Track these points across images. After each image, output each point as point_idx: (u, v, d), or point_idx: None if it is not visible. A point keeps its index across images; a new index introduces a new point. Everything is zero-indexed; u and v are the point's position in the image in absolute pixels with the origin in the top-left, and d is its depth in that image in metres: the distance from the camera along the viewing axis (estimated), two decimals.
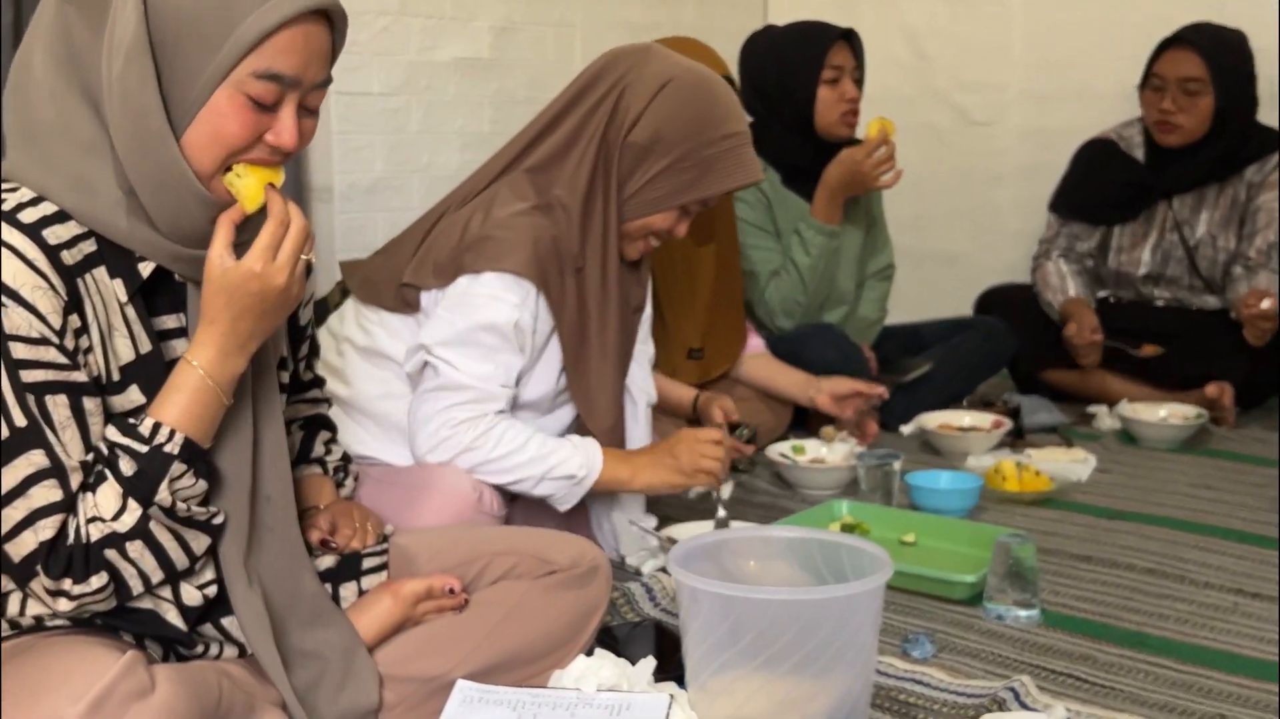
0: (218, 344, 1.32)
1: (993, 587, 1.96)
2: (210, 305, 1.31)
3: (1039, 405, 3.15)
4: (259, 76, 1.28)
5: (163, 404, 1.30)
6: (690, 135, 2.01)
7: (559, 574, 1.65)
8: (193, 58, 1.27)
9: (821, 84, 3.02)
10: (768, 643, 1.48)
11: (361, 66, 3.18)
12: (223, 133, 1.30)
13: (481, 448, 1.93)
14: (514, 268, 1.94)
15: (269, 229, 1.32)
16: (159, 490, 1.26)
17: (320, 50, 1.32)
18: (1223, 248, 3.32)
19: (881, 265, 3.32)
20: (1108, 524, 2.41)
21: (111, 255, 1.31)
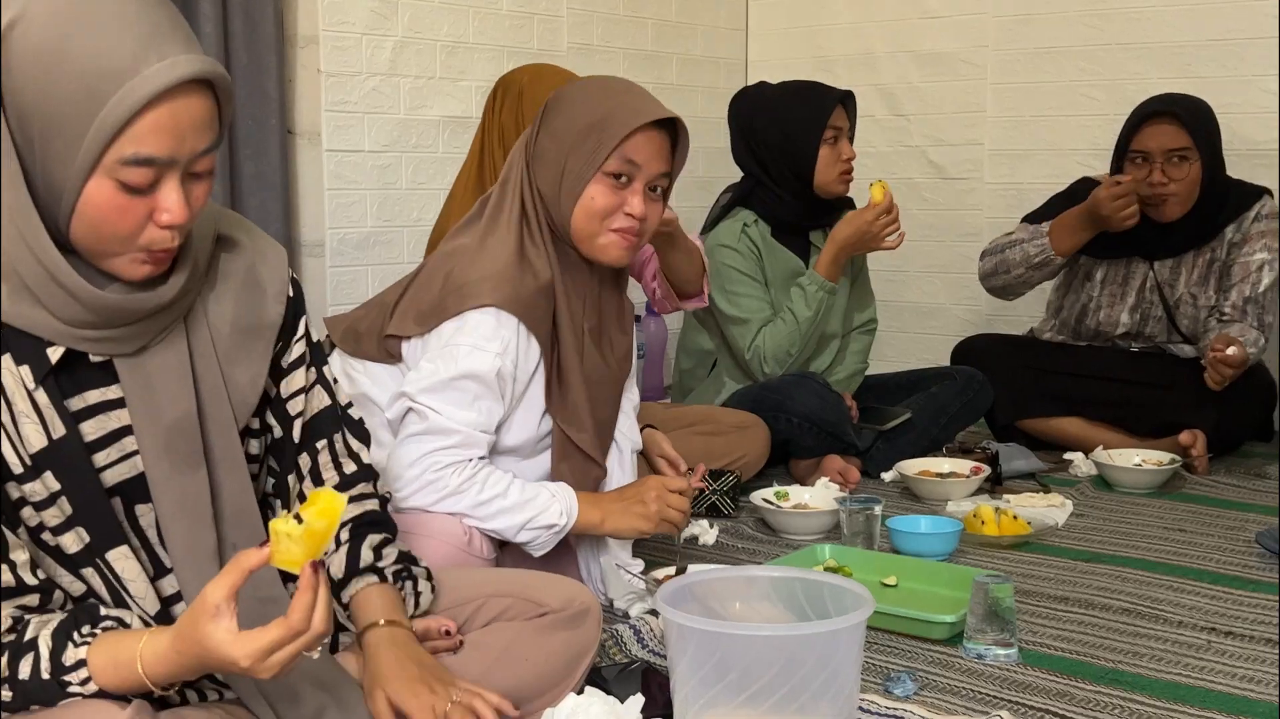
0: (169, 665, 1.24)
1: (972, 626, 2.01)
2: (183, 637, 1.22)
3: (1016, 453, 3.22)
4: (127, 163, 1.21)
5: (102, 654, 1.23)
6: (578, 114, 2.05)
7: (550, 616, 1.68)
8: (58, 151, 1.20)
9: (823, 144, 3.11)
10: (753, 679, 1.53)
11: (353, 125, 3.26)
12: (104, 224, 1.24)
13: (467, 493, 1.98)
14: (496, 302, 1.99)
15: (276, 635, 1.21)
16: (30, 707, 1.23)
17: (196, 121, 1.24)
18: (1203, 305, 3.38)
19: (866, 319, 3.41)
20: (1084, 566, 2.47)
21: (16, 341, 1.26)
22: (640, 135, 2.03)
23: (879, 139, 4.26)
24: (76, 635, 1.23)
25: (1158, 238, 3.36)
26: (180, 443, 1.34)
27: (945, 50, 4.16)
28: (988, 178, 4.14)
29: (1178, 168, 3.24)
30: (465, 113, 3.49)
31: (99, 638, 1.24)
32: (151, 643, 1.24)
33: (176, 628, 1.24)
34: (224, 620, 1.20)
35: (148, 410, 1.32)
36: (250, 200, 3.05)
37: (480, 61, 3.54)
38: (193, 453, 1.35)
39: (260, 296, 1.45)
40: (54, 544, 1.31)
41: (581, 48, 3.83)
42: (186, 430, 1.35)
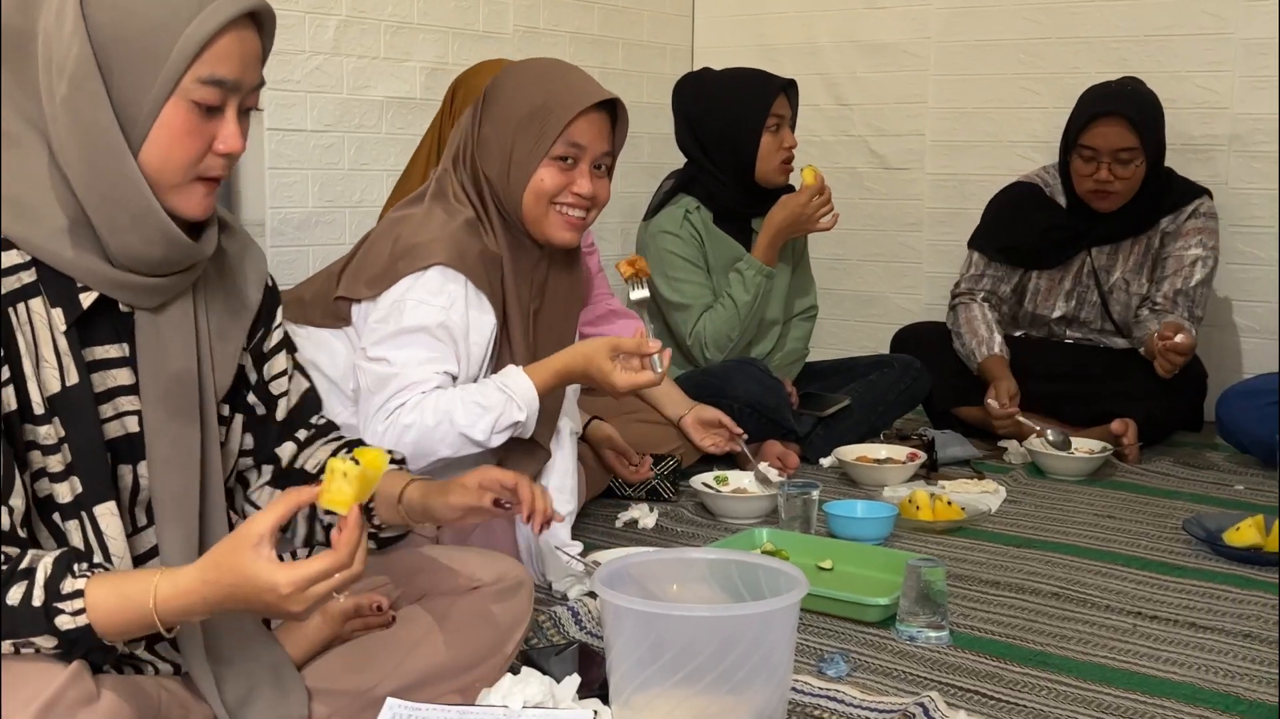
0: (191, 599, 1.24)
1: (905, 609, 2.04)
2: (218, 566, 1.24)
3: (952, 440, 3.26)
4: (204, 83, 1.30)
5: (103, 588, 1.23)
6: (520, 100, 2.10)
7: (483, 589, 1.70)
8: (141, 72, 1.28)
9: (765, 131, 3.13)
10: (688, 659, 1.55)
11: (295, 104, 3.23)
12: (174, 146, 1.31)
13: (417, 423, 1.99)
14: (444, 260, 2.02)
15: (321, 565, 1.24)
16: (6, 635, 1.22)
17: (255, 53, 1.35)
18: (1135, 293, 3.45)
19: (807, 306, 3.44)
20: (1015, 552, 2.51)
21: (51, 284, 1.31)
22: (582, 118, 2.07)
23: (822, 128, 4.28)
24: (76, 568, 1.23)
25: (1098, 227, 3.44)
26: (179, 397, 1.40)
27: (888, 41, 4.19)
28: (929, 168, 4.18)
29: (1124, 166, 3.31)
30: (409, 94, 3.48)
31: (98, 574, 1.24)
32: (169, 577, 1.24)
33: (207, 560, 1.25)
34: (265, 550, 1.23)
35: (154, 361, 1.38)
36: None
37: (425, 43, 3.52)
38: (190, 408, 1.40)
39: (243, 281, 1.52)
40: (48, 492, 1.32)
41: (527, 31, 3.82)
42: (186, 385, 1.41)
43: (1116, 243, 3.47)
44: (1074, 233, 3.47)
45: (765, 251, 3.14)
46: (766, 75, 3.20)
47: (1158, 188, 3.40)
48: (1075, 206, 3.46)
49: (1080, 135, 3.34)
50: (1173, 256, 3.39)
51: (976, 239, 3.63)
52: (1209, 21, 3.67)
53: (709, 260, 3.20)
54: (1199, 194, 3.43)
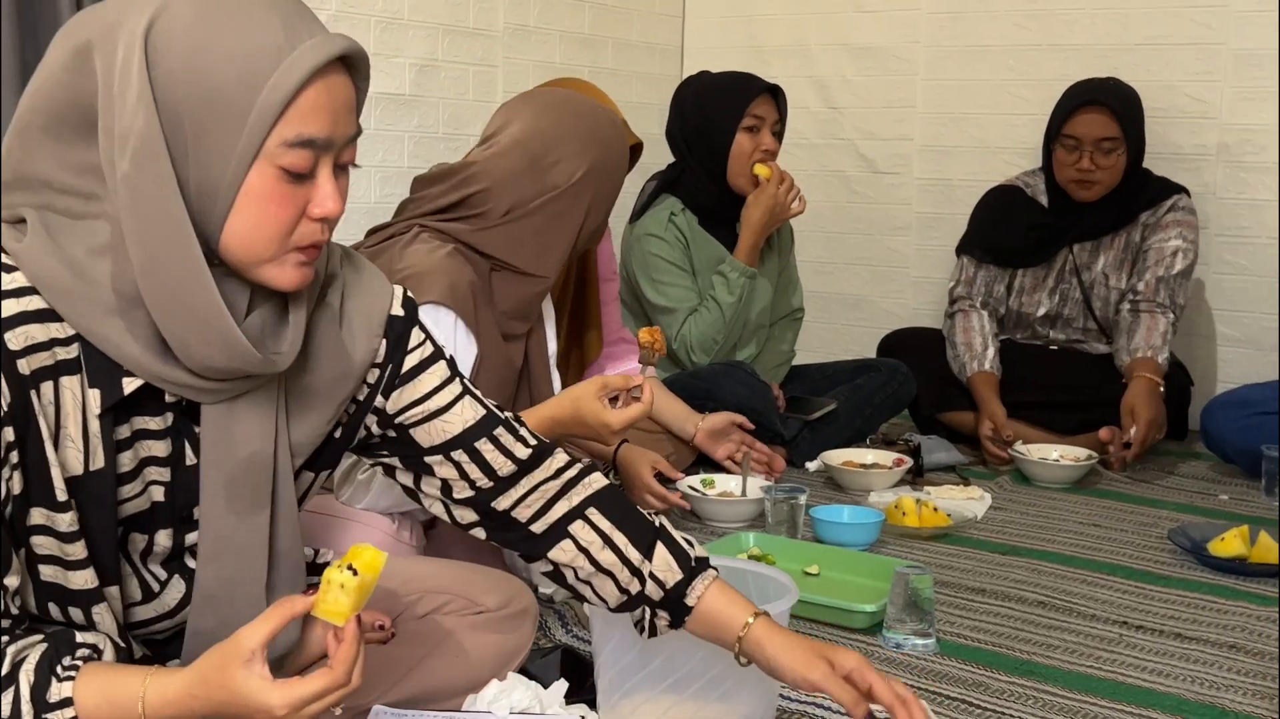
0: (179, 710, 1.17)
1: (891, 616, 2.03)
2: (206, 681, 1.16)
3: (938, 445, 3.26)
4: (291, 145, 1.15)
5: (91, 690, 1.15)
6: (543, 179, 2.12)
7: (487, 615, 1.66)
8: (218, 142, 1.13)
9: (740, 130, 3.13)
10: (676, 666, 1.54)
11: None
12: (265, 217, 1.16)
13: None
14: (434, 297, 1.97)
15: (321, 684, 1.16)
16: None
17: (347, 101, 1.19)
18: (1114, 288, 3.48)
19: (793, 308, 3.44)
20: (1001, 559, 2.51)
21: (94, 363, 1.18)
22: None
23: (811, 130, 4.28)
24: (60, 669, 1.15)
25: (1077, 221, 3.47)
26: (246, 483, 1.27)
27: (878, 44, 4.19)
28: (916, 173, 4.18)
29: (1106, 156, 3.36)
30: (398, 90, 3.46)
31: (84, 671, 1.16)
32: (158, 684, 1.17)
33: (196, 671, 1.17)
34: (258, 666, 1.15)
35: (221, 450, 1.25)
36: None
37: (415, 39, 3.50)
38: (259, 494, 1.28)
39: (347, 338, 1.35)
40: (59, 578, 1.22)
41: (518, 29, 3.81)
42: (256, 471, 1.27)
43: (1097, 239, 3.50)
44: (1056, 230, 3.51)
45: (748, 253, 3.13)
46: (750, 78, 3.20)
47: (1137, 183, 3.44)
48: (1056, 204, 3.50)
49: (1064, 125, 3.39)
50: (1153, 249, 3.43)
51: (964, 244, 3.64)
52: (1200, 31, 3.68)
53: (694, 263, 3.19)
54: (1177, 190, 3.48)
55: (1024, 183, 3.59)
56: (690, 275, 3.18)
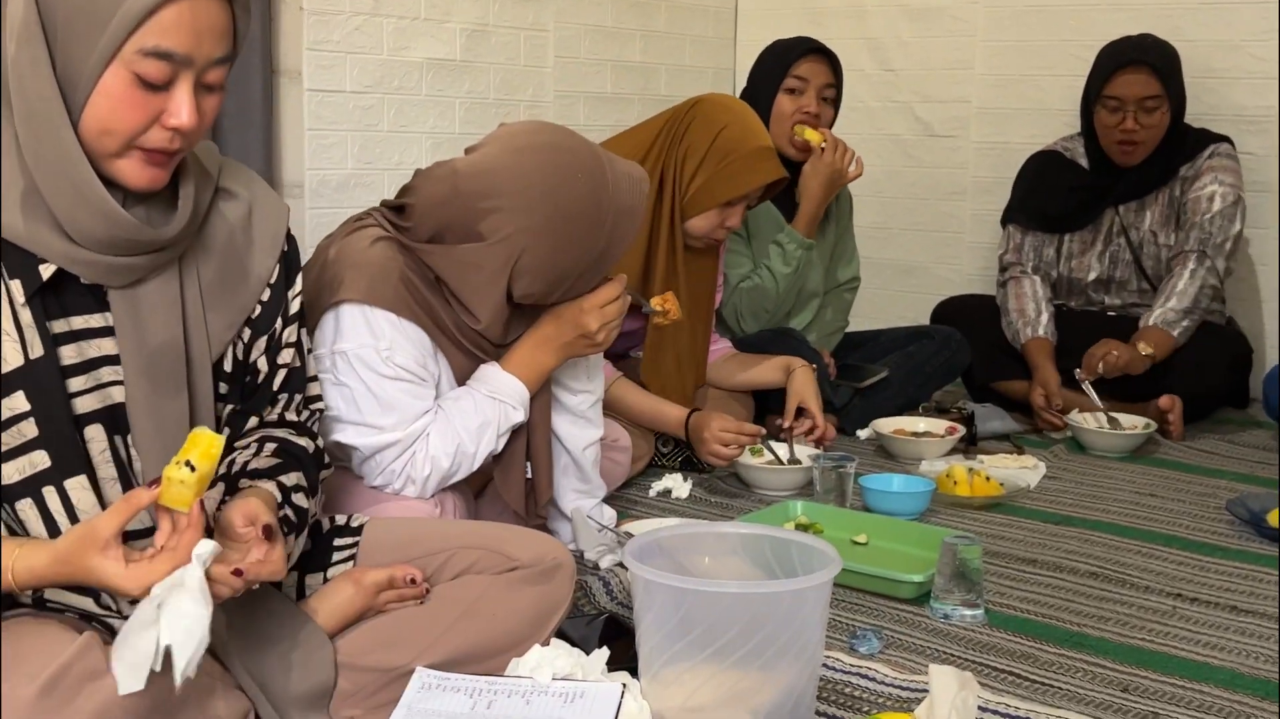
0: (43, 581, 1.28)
1: (939, 586, 2.02)
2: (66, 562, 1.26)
3: (992, 413, 3.22)
4: (147, 54, 1.25)
5: None
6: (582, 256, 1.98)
7: (521, 570, 1.67)
8: (82, 37, 1.24)
9: (781, 91, 3.09)
10: (718, 634, 1.53)
11: (334, 65, 3.22)
12: (115, 115, 1.27)
13: (433, 469, 1.93)
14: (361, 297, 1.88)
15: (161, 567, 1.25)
16: None
17: (213, 26, 1.29)
18: (1164, 244, 3.42)
19: (849, 277, 3.40)
20: (1054, 529, 2.48)
21: (9, 257, 1.29)
22: None
23: (867, 94, 4.22)
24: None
25: (1121, 182, 3.42)
26: (163, 369, 1.38)
27: (935, 5, 4.12)
28: (974, 136, 4.12)
29: (1150, 115, 3.31)
30: (449, 55, 3.45)
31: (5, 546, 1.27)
32: (26, 558, 1.27)
33: (57, 551, 1.27)
34: (112, 552, 1.24)
35: (134, 336, 1.36)
36: (231, 139, 3.00)
37: (466, 4, 3.49)
38: (175, 379, 1.39)
39: (249, 249, 1.49)
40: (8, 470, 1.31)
41: None
42: (170, 358, 1.38)
43: (1141, 198, 3.44)
44: (1099, 191, 3.46)
45: (806, 223, 3.09)
46: (799, 38, 3.16)
47: (1178, 138, 3.38)
48: (1098, 166, 3.45)
49: (1105, 86, 3.33)
50: (1190, 200, 3.37)
51: (1009, 213, 3.61)
52: None
53: (749, 228, 3.16)
54: (1216, 139, 3.42)
55: (1063, 147, 3.54)
56: (745, 241, 3.15)
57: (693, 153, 2.68)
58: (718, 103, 2.78)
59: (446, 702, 1.53)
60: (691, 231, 2.72)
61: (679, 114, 2.76)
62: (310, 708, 1.48)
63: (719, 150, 2.66)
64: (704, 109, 2.74)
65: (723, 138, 2.66)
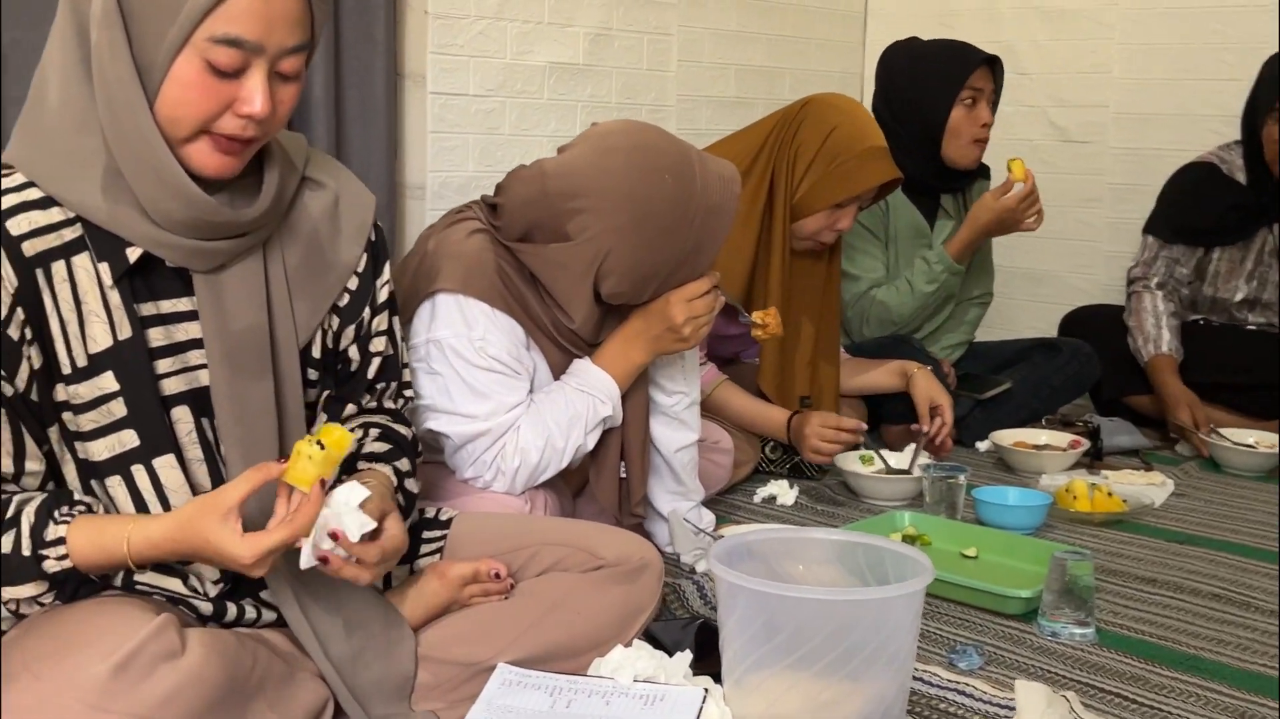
0: (162, 553, 1.30)
1: (1048, 603, 1.94)
2: (184, 528, 1.28)
3: (1120, 428, 3.11)
4: (217, 41, 1.27)
5: (82, 534, 1.28)
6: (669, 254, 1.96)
7: (606, 569, 1.66)
8: (156, 23, 1.27)
9: (958, 104, 3.03)
10: (801, 642, 1.50)
11: (458, 68, 3.25)
12: (186, 101, 1.29)
13: (523, 463, 1.93)
14: (447, 285, 1.90)
15: (279, 538, 1.28)
16: (5, 590, 1.28)
17: (286, 14, 1.30)
18: None
19: (981, 291, 3.31)
20: (1177, 548, 2.37)
21: (98, 240, 1.32)
22: None
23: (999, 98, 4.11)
24: (57, 514, 1.29)
25: (1277, 199, 3.23)
26: (247, 354, 1.40)
27: (1071, 7, 3.99)
28: (1112, 141, 3.98)
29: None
30: (572, 59, 3.46)
31: (78, 519, 1.29)
32: (142, 530, 1.29)
33: (177, 520, 1.29)
34: (233, 521, 1.27)
35: (218, 320, 1.38)
36: (354, 141, 3.06)
37: (589, 8, 3.50)
38: (259, 364, 1.41)
39: (335, 238, 1.50)
40: (91, 447, 1.35)
41: None
42: (255, 342, 1.41)
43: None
44: (1255, 209, 3.27)
45: (960, 249, 3.01)
46: (969, 47, 3.07)
47: None
48: (1257, 182, 3.25)
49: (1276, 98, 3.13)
50: None
51: (1151, 223, 3.45)
52: None
53: (889, 229, 3.09)
54: None
55: (1219, 159, 3.36)
56: (882, 245, 3.09)
57: (803, 153, 2.65)
58: (829, 102, 2.73)
59: (526, 698, 1.53)
60: (800, 232, 2.69)
61: (789, 114, 2.72)
62: (390, 699, 1.48)
63: (830, 151, 2.63)
64: (814, 109, 2.70)
65: (834, 138, 2.63)
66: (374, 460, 1.53)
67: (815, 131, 2.65)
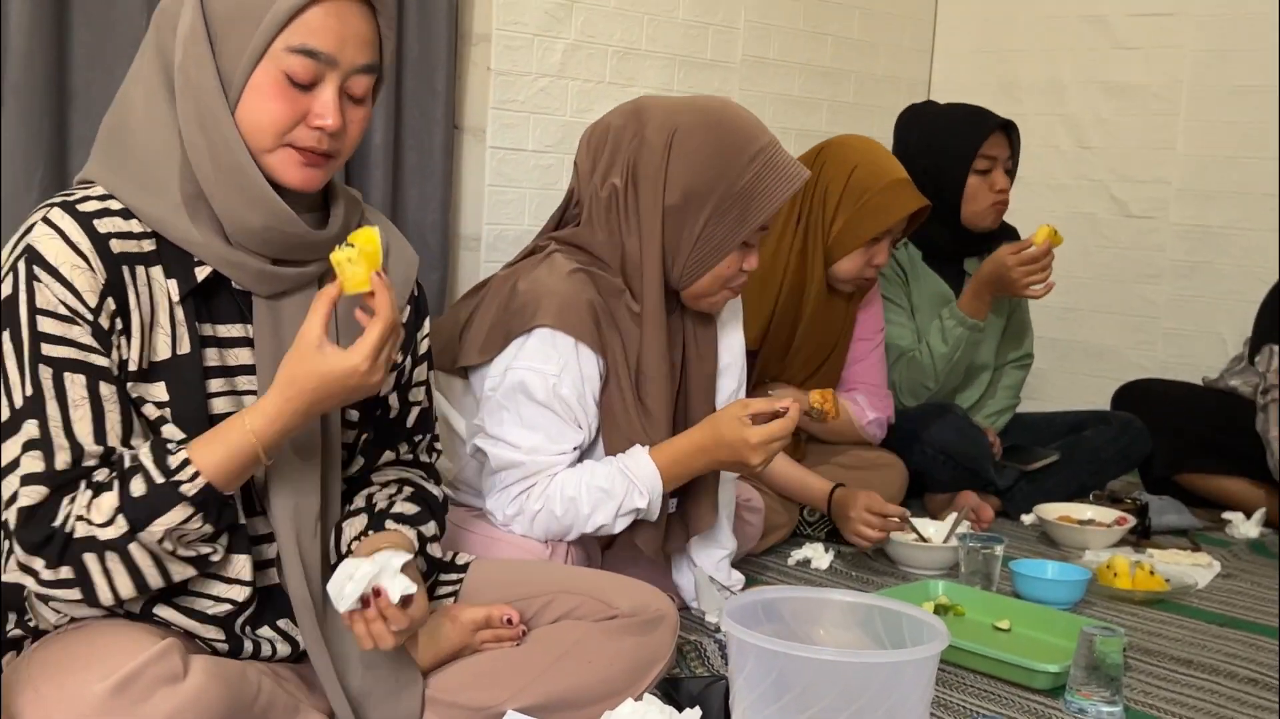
0: (284, 419, 1.34)
1: (1075, 679, 1.90)
2: (294, 382, 1.33)
3: (1170, 506, 3.05)
4: (294, 51, 1.35)
5: (203, 447, 1.33)
6: (720, 174, 1.97)
7: (621, 619, 1.66)
8: (238, 37, 1.35)
9: (972, 173, 3.01)
10: (810, 702, 1.48)
11: (518, 124, 3.31)
12: (264, 109, 1.36)
13: (544, 510, 1.95)
14: (545, 322, 1.93)
15: (379, 330, 1.34)
16: (151, 524, 1.29)
17: (359, 33, 1.38)
18: None
19: (1020, 354, 3.28)
20: (1218, 631, 2.31)
21: (170, 256, 1.38)
22: None
23: (1061, 170, 4.10)
24: (170, 447, 1.34)
25: None
26: None
27: (1136, 83, 3.97)
28: (1173, 217, 3.94)
29: None
30: None
31: (189, 443, 1.34)
32: (254, 412, 1.34)
33: (278, 384, 1.35)
34: (328, 347, 1.34)
35: (270, 346, 1.43)
36: (411, 191, 3.12)
37: (651, 69, 3.55)
38: None
39: None
40: None
41: (756, 60, 3.81)
42: None
43: None
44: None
45: (970, 302, 2.98)
46: (983, 113, 3.05)
47: None
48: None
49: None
50: None
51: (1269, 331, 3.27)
52: None
53: (914, 299, 3.09)
54: None
55: None
56: (908, 314, 3.08)
57: (830, 196, 2.70)
58: (844, 143, 2.81)
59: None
60: (840, 275, 2.72)
61: (806, 162, 2.69)
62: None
63: (855, 189, 2.68)
64: (831, 152, 2.77)
65: (856, 176, 2.68)
66: (401, 521, 1.54)
67: (837, 173, 2.70)
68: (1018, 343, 3.26)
